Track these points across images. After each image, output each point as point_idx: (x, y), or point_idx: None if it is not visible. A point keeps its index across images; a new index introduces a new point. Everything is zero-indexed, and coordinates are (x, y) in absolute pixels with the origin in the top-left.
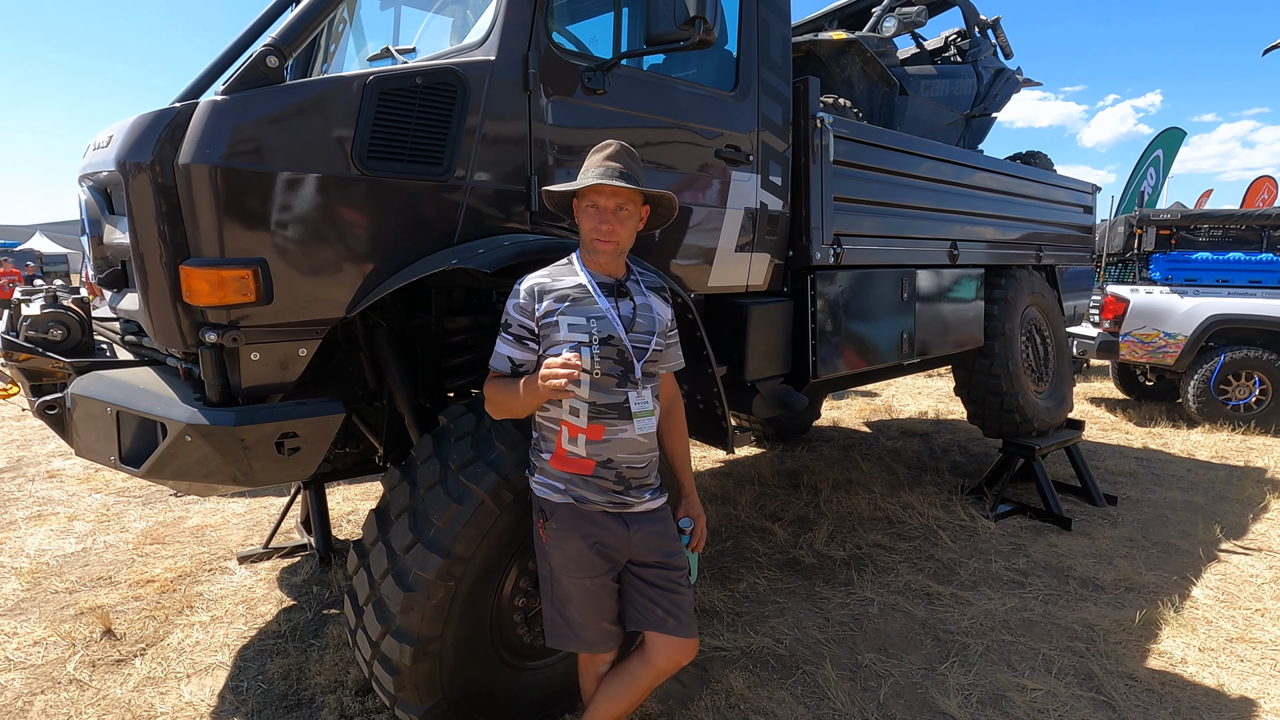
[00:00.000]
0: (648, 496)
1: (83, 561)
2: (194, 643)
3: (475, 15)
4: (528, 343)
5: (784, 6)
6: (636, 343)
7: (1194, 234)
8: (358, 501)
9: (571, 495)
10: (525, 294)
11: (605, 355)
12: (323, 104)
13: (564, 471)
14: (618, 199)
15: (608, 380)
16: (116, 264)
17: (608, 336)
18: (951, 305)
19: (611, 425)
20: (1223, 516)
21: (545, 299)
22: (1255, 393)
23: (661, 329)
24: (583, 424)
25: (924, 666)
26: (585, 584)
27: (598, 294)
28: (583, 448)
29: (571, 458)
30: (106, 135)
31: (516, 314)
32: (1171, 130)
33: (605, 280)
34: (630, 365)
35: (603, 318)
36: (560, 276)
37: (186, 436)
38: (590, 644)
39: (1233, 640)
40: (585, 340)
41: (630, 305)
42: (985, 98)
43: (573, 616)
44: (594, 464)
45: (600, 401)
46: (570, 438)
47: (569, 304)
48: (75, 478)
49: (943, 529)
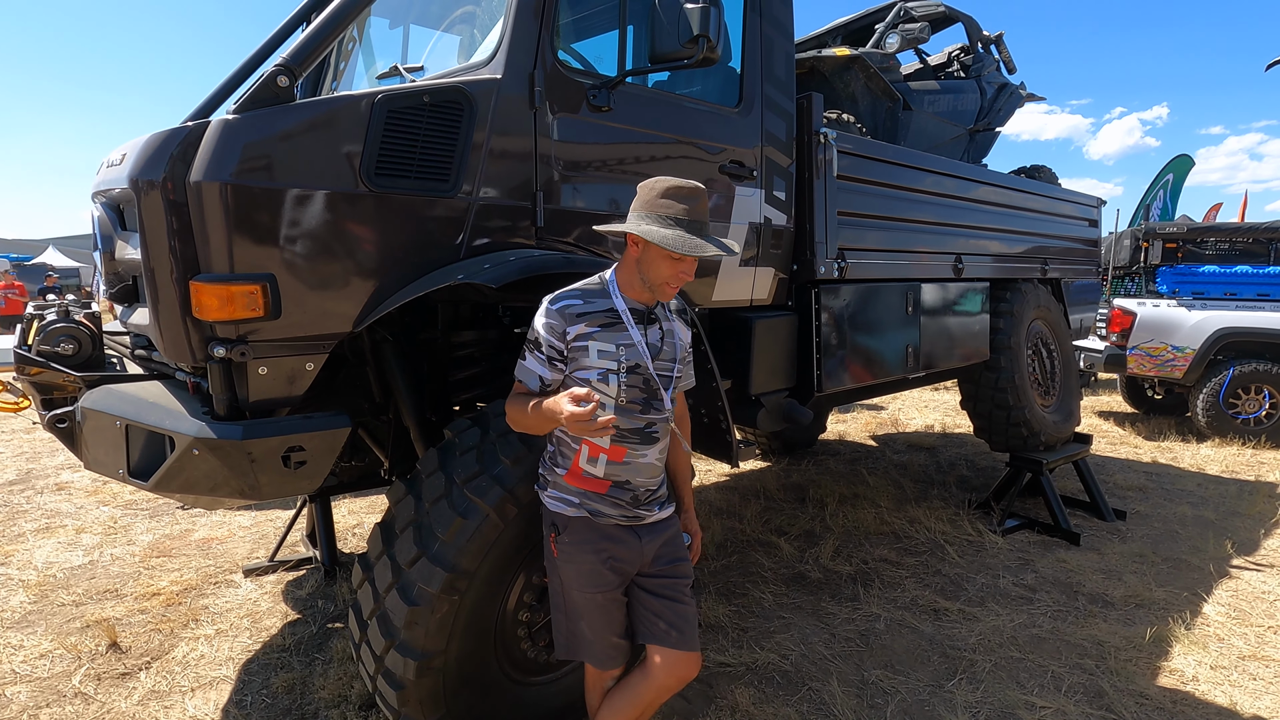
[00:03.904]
0: (657, 510)
1: (89, 574)
2: (199, 656)
3: (482, 34)
4: (557, 364)
5: (787, 23)
6: (661, 370)
7: (1200, 247)
8: (363, 515)
9: (586, 509)
10: (556, 315)
11: (631, 384)
12: (332, 122)
13: (577, 487)
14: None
15: (632, 406)
16: (128, 279)
17: (635, 365)
18: (957, 319)
19: (633, 449)
20: (1234, 532)
21: (578, 323)
22: (1265, 406)
23: (682, 354)
24: (605, 445)
25: (931, 683)
26: (596, 598)
27: (629, 322)
28: (601, 468)
29: (587, 477)
30: (120, 153)
31: (546, 334)
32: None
33: (637, 307)
34: (655, 393)
35: (632, 346)
36: (592, 299)
37: (194, 450)
38: (599, 659)
39: (1245, 658)
40: (614, 368)
41: (658, 332)
42: (989, 112)
43: (583, 632)
44: (609, 484)
45: (624, 426)
46: (590, 457)
47: (600, 329)
48: (83, 490)
49: (950, 544)
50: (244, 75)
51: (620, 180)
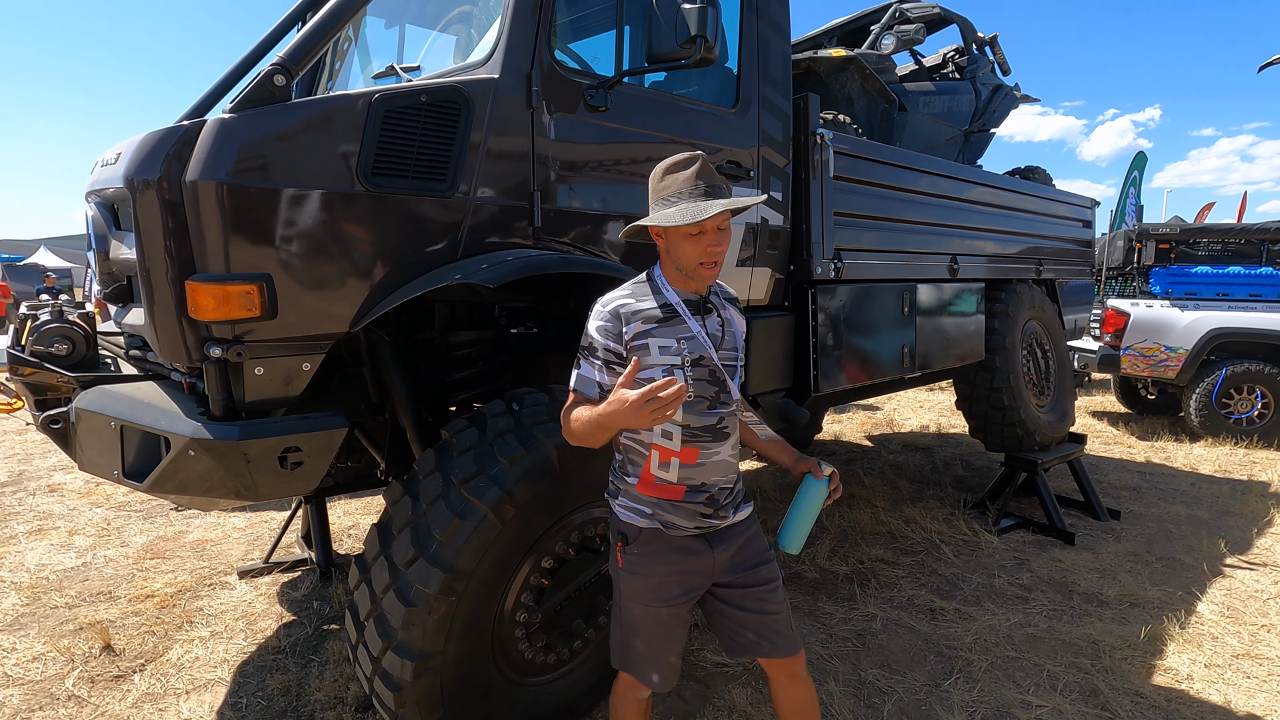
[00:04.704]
0: (733, 512)
1: (83, 576)
2: (193, 658)
3: (479, 34)
4: (615, 368)
5: (784, 24)
6: (726, 360)
7: (1193, 248)
8: (359, 516)
9: (659, 521)
10: (610, 316)
11: (698, 377)
12: (328, 122)
13: (651, 496)
14: (719, 217)
15: (701, 402)
16: (122, 279)
17: (699, 357)
18: (952, 319)
19: (706, 448)
20: (1227, 531)
21: (633, 321)
22: (1258, 406)
23: (742, 341)
24: (676, 447)
25: (928, 683)
26: (660, 613)
27: (686, 314)
28: (674, 473)
29: (660, 483)
30: (115, 152)
31: (602, 337)
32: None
33: (690, 298)
34: (722, 385)
35: (693, 338)
36: (643, 296)
37: (190, 451)
38: (651, 678)
39: (1239, 656)
40: (678, 363)
41: (716, 321)
42: (984, 113)
43: (637, 648)
44: (684, 489)
45: (694, 424)
46: (661, 462)
47: (658, 325)
48: (76, 492)
49: (946, 544)
50: (239, 75)
51: (618, 180)
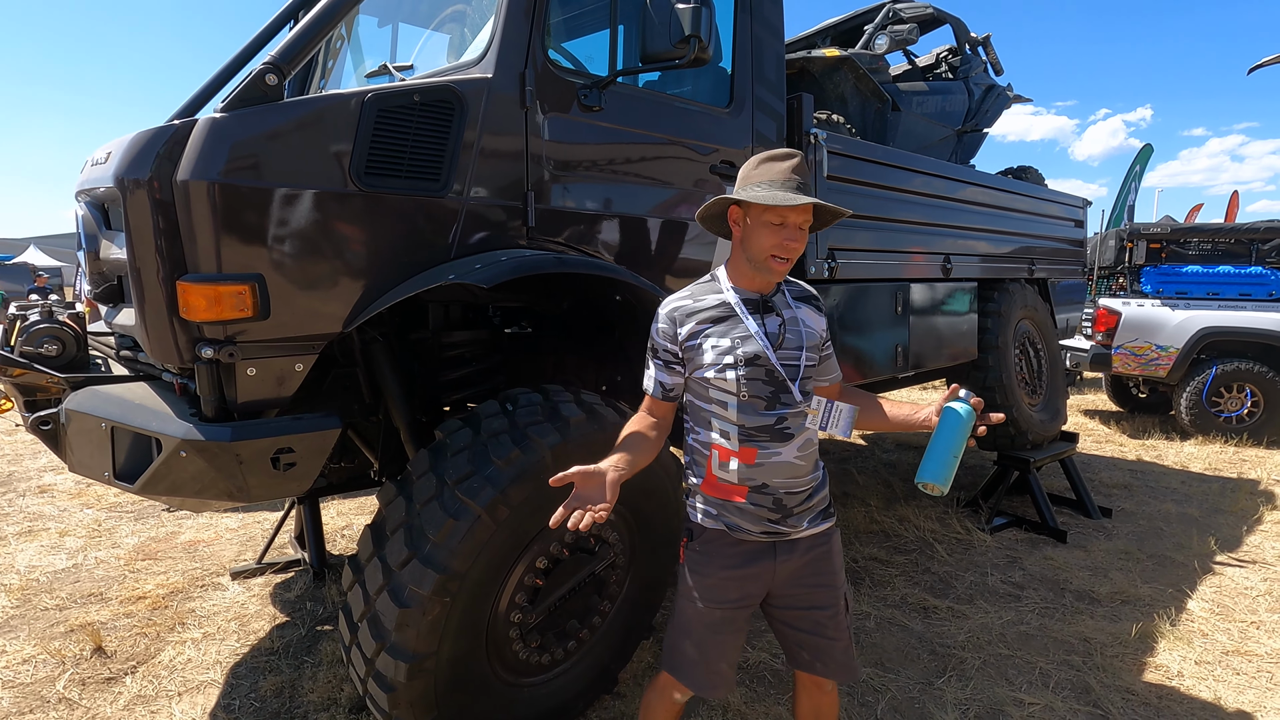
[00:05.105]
0: (805, 525)
1: (73, 578)
2: (186, 660)
3: (473, 33)
4: (675, 367)
5: (777, 24)
6: (786, 360)
7: (1184, 247)
8: (352, 516)
9: (724, 522)
10: (666, 319)
11: (752, 376)
12: (321, 121)
13: (716, 497)
14: (804, 214)
15: (756, 402)
16: (113, 279)
17: (754, 356)
18: (945, 319)
19: (765, 448)
20: (1217, 529)
21: (688, 322)
22: (1247, 405)
23: (813, 342)
24: (734, 447)
25: (921, 681)
26: (713, 615)
27: (744, 312)
28: (734, 473)
29: (723, 483)
30: (105, 151)
31: (661, 339)
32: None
33: (750, 296)
34: (781, 385)
35: (749, 337)
36: (702, 295)
37: (182, 452)
38: (697, 682)
39: (1229, 653)
40: (730, 362)
41: (777, 321)
42: (976, 113)
43: (687, 650)
44: (746, 490)
45: (749, 424)
46: (721, 462)
47: (713, 325)
48: (66, 493)
49: (939, 542)
50: (230, 74)
51: (612, 180)
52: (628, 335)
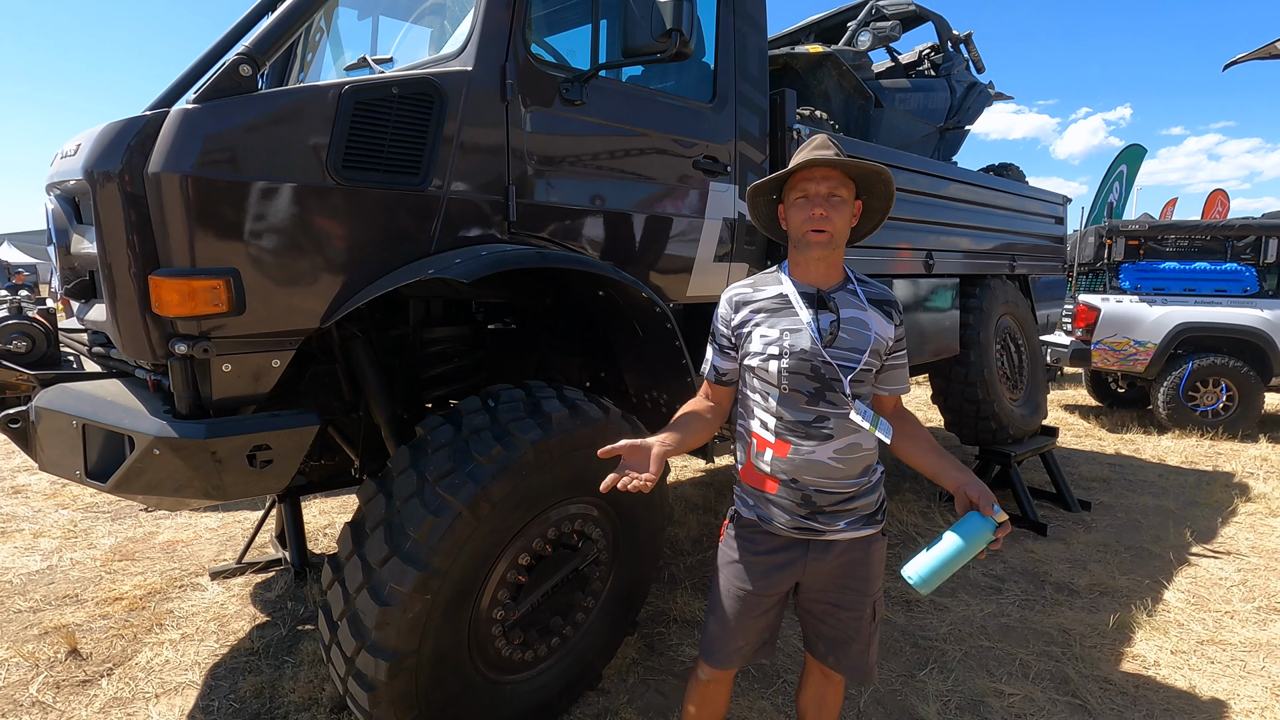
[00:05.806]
0: (842, 525)
1: (48, 579)
2: (163, 661)
3: (453, 26)
4: (729, 353)
5: (760, 20)
6: (839, 359)
7: (1161, 244)
8: (334, 514)
9: (758, 513)
10: (725, 304)
11: (796, 370)
12: (298, 113)
13: (751, 486)
14: (829, 182)
15: (797, 396)
16: (84, 274)
17: (801, 350)
18: (928, 314)
19: (798, 444)
20: (1193, 521)
21: (743, 309)
22: (1223, 399)
23: (876, 346)
24: (770, 439)
25: (903, 674)
26: (735, 593)
27: (799, 305)
28: (768, 464)
29: (758, 473)
30: (75, 143)
31: (719, 324)
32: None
33: (808, 290)
34: (825, 382)
35: (799, 330)
36: (762, 286)
37: (155, 450)
38: (713, 657)
39: (1203, 642)
40: (774, 353)
41: (832, 318)
42: (958, 111)
43: (711, 627)
44: (778, 483)
45: (786, 417)
46: (758, 451)
47: (765, 315)
48: (41, 493)
49: (921, 536)
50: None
51: (594, 175)
52: (611, 330)
